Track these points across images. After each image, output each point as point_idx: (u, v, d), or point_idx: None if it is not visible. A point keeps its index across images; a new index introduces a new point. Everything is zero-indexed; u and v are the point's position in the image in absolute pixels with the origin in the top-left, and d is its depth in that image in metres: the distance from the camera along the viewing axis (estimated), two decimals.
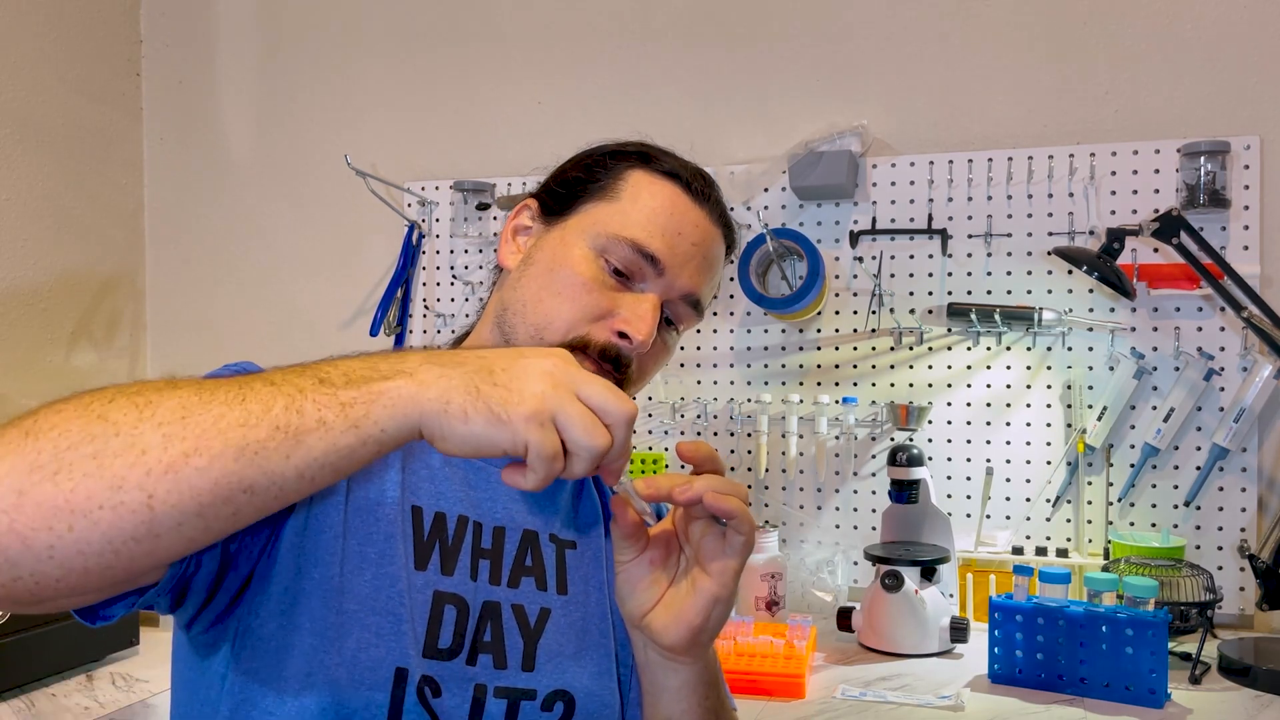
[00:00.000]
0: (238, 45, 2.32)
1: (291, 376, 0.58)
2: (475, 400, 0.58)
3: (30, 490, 0.52)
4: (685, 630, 0.74)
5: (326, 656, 0.72)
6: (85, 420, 0.53)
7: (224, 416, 0.54)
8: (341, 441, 0.56)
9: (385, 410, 0.57)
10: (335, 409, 0.56)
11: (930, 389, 1.85)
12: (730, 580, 0.73)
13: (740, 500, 0.70)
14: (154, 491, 0.53)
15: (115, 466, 0.52)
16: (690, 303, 0.87)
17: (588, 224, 0.85)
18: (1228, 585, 1.67)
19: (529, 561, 0.84)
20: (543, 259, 0.86)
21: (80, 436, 0.53)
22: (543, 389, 0.59)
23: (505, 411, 0.58)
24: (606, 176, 0.87)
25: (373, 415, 0.57)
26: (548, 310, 0.83)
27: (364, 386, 0.57)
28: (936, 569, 1.59)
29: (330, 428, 0.56)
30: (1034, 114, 1.83)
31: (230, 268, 2.32)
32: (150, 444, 0.53)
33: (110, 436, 0.53)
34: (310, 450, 0.56)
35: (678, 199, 0.86)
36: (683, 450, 0.73)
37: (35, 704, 1.38)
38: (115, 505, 0.52)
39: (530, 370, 0.60)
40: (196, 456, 0.53)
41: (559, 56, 2.10)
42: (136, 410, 0.54)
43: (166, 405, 0.55)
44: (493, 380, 0.59)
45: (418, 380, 0.58)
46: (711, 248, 0.87)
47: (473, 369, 0.60)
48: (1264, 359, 1.64)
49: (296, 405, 0.56)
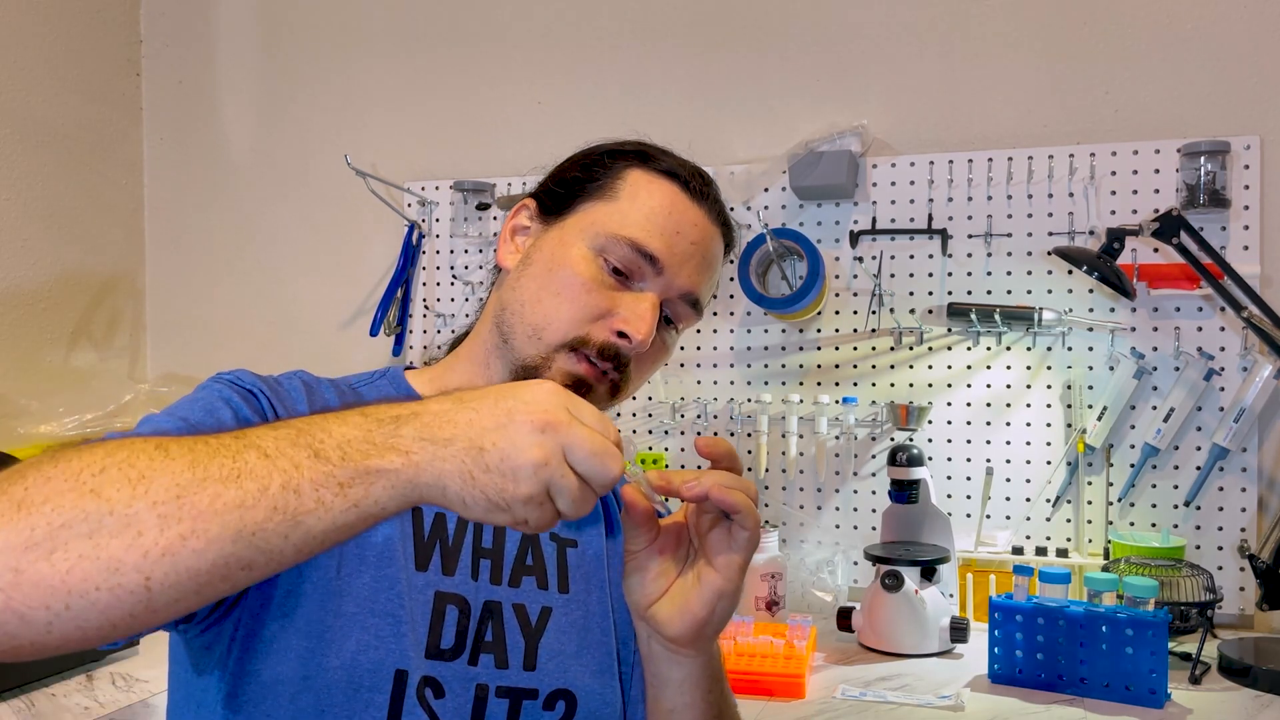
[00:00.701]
0: (238, 45, 2.32)
1: (285, 448, 0.56)
2: (471, 488, 0.57)
3: (27, 569, 0.51)
4: (689, 622, 0.74)
5: (325, 659, 0.72)
6: (78, 495, 0.52)
7: (220, 496, 0.54)
8: (341, 520, 0.56)
9: (384, 491, 0.57)
10: (333, 489, 0.56)
11: (930, 389, 1.85)
12: (735, 575, 0.73)
13: (746, 496, 0.70)
14: (151, 574, 0.52)
15: (112, 548, 0.52)
16: (689, 302, 0.87)
17: (586, 223, 0.85)
18: (1228, 585, 1.67)
19: (530, 560, 0.84)
20: (541, 259, 0.85)
21: (74, 514, 0.52)
22: (534, 462, 0.57)
23: (502, 499, 0.58)
24: (605, 176, 0.87)
25: (372, 495, 0.57)
26: (546, 310, 0.83)
27: (361, 464, 0.56)
28: (936, 569, 1.59)
29: (329, 508, 0.56)
30: (1034, 114, 1.83)
31: (230, 268, 2.32)
32: (146, 525, 0.52)
33: (104, 515, 0.52)
34: (310, 530, 0.55)
35: (676, 198, 0.86)
36: (701, 446, 0.73)
37: (35, 704, 1.38)
38: (113, 587, 0.52)
39: (518, 437, 0.58)
40: (194, 539, 0.53)
41: (559, 56, 2.10)
42: (130, 486, 0.53)
43: (160, 483, 0.53)
44: (485, 464, 0.57)
45: (413, 462, 0.57)
46: (710, 246, 0.87)
47: (464, 446, 0.58)
48: (1264, 359, 1.64)
49: (293, 484, 0.55)
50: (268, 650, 0.72)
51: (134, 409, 2.07)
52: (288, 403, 0.79)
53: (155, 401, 2.11)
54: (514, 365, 0.84)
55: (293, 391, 0.80)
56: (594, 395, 0.83)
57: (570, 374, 0.82)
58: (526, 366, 0.83)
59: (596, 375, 0.83)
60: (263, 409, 0.77)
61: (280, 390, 0.80)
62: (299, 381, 0.82)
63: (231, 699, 0.73)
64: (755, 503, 0.71)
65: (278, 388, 0.80)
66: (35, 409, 1.97)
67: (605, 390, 0.84)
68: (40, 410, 1.97)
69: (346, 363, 2.18)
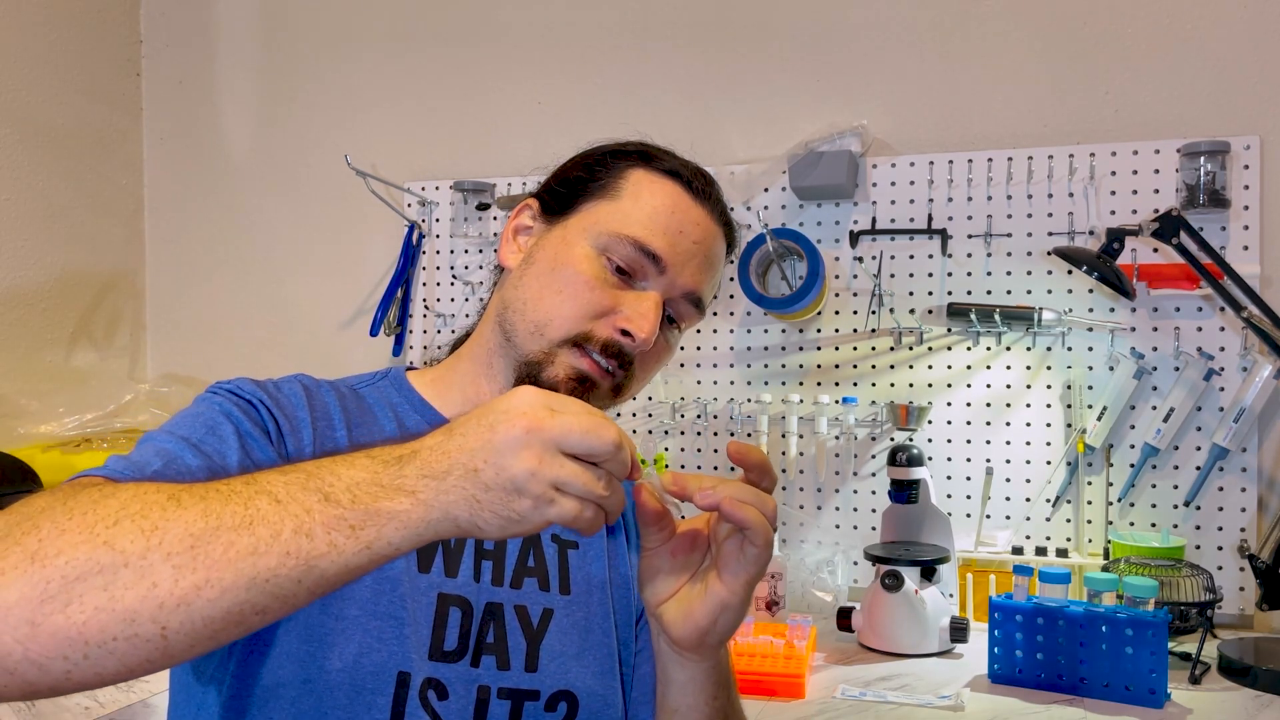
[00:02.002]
0: (238, 45, 2.32)
1: (295, 492, 0.57)
2: (479, 511, 0.58)
3: (43, 622, 0.52)
4: (692, 629, 0.74)
5: (326, 662, 0.72)
6: (91, 547, 0.53)
7: (233, 545, 0.54)
8: (354, 562, 0.57)
9: (397, 532, 0.57)
10: (345, 532, 0.56)
11: (930, 389, 1.85)
12: (741, 590, 0.72)
13: (760, 513, 0.69)
14: (167, 624, 0.53)
15: (127, 600, 0.53)
16: (692, 301, 0.87)
17: (589, 223, 0.85)
18: (1228, 585, 1.67)
19: (531, 562, 0.84)
20: (544, 257, 0.85)
21: (88, 567, 0.53)
22: (528, 468, 0.57)
23: (511, 512, 0.58)
24: (607, 175, 0.87)
25: (384, 536, 0.57)
26: (549, 308, 0.83)
27: (371, 506, 0.57)
28: (936, 569, 1.59)
29: (342, 550, 0.56)
30: (1034, 114, 1.83)
31: (230, 268, 2.32)
32: (161, 577, 0.53)
33: (119, 567, 0.53)
34: (323, 573, 0.56)
35: (679, 197, 0.86)
36: (732, 452, 0.72)
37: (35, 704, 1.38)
38: (130, 637, 0.53)
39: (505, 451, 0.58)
40: (208, 588, 0.53)
41: (559, 56, 2.10)
42: (144, 537, 0.54)
43: (174, 533, 0.54)
44: (484, 484, 0.57)
45: (420, 500, 0.57)
46: (713, 246, 0.88)
47: (460, 474, 0.58)
48: (1264, 359, 1.64)
49: (305, 529, 0.55)
50: (269, 654, 0.72)
51: (134, 409, 2.07)
52: (288, 409, 0.79)
53: (155, 401, 2.11)
54: (517, 362, 0.84)
55: (293, 397, 0.80)
56: (597, 393, 0.83)
57: (574, 369, 0.82)
58: (530, 362, 0.83)
59: (600, 372, 0.83)
60: (263, 420, 0.77)
61: (280, 397, 0.80)
62: (299, 386, 0.82)
63: (233, 702, 0.73)
64: (773, 521, 0.70)
65: (277, 395, 0.80)
66: (35, 409, 1.97)
67: (608, 388, 0.84)
68: (40, 410, 1.97)
69: (346, 363, 2.18)
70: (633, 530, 0.92)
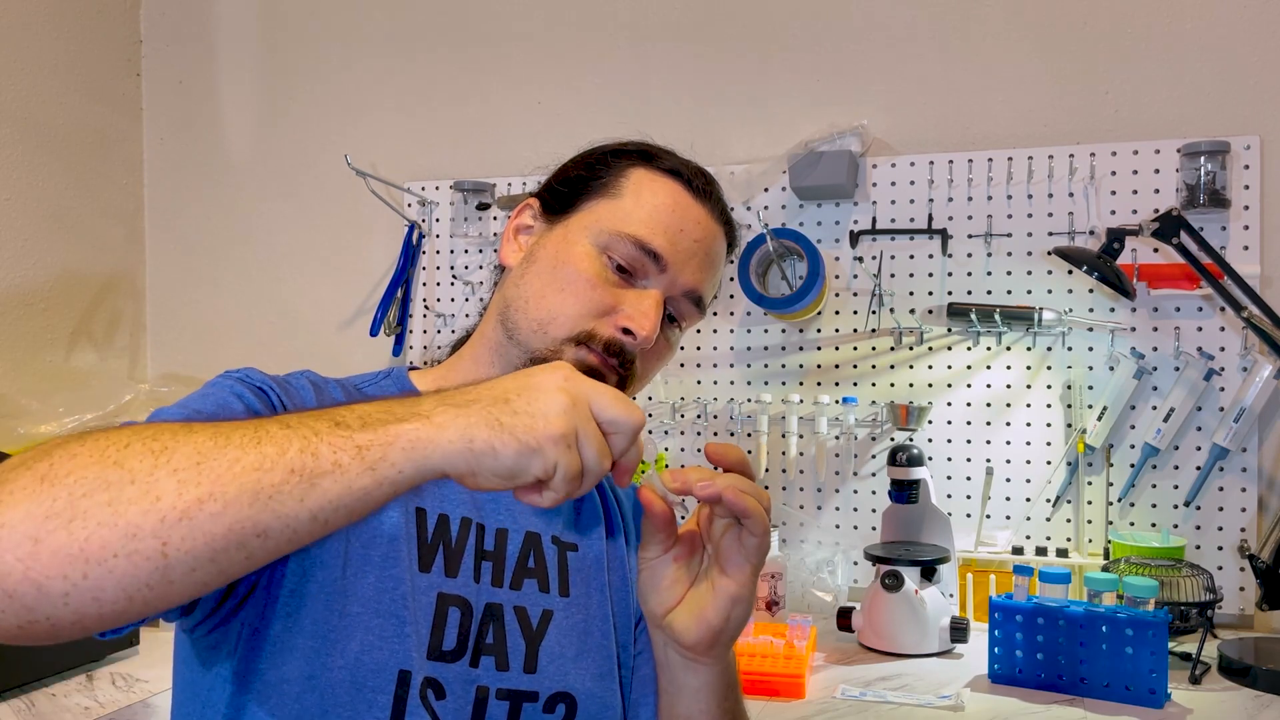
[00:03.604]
0: (238, 45, 2.32)
1: (307, 419, 0.58)
2: (500, 433, 0.58)
3: (45, 538, 0.51)
4: (706, 630, 0.75)
5: (329, 659, 0.72)
6: (101, 467, 0.53)
7: (239, 460, 0.54)
8: (357, 484, 0.56)
9: (402, 453, 0.57)
10: (351, 451, 0.56)
11: (930, 389, 1.85)
12: (747, 580, 0.73)
13: (758, 501, 0.70)
14: (168, 538, 0.53)
15: (130, 514, 0.52)
16: (693, 300, 0.87)
17: (590, 221, 0.85)
18: (1228, 585, 1.67)
19: (531, 563, 0.84)
20: (546, 256, 0.86)
21: (96, 484, 0.53)
22: (562, 406, 0.59)
23: (533, 438, 0.58)
24: (608, 174, 0.87)
25: (390, 458, 0.57)
26: (551, 306, 0.83)
27: (380, 429, 0.57)
28: (936, 569, 1.59)
29: (346, 470, 0.56)
30: (1034, 114, 1.83)
31: (230, 268, 2.32)
32: (165, 490, 0.53)
33: (126, 484, 0.53)
34: (325, 493, 0.55)
35: (680, 196, 0.86)
36: (711, 452, 0.73)
37: (35, 704, 1.38)
38: (130, 553, 0.52)
39: (544, 388, 0.60)
40: (211, 502, 0.53)
41: (559, 56, 2.10)
42: (153, 456, 0.54)
43: (182, 451, 0.54)
44: (512, 409, 0.59)
45: (434, 423, 0.58)
46: (713, 245, 0.88)
47: (487, 402, 0.59)
48: (1264, 359, 1.64)
49: (312, 448, 0.56)
50: (273, 650, 0.72)
51: (134, 409, 2.07)
52: (296, 400, 0.79)
53: (155, 401, 2.11)
54: (521, 360, 0.84)
55: (301, 390, 0.81)
56: None
57: (582, 363, 0.82)
58: (534, 359, 0.83)
59: (606, 367, 0.83)
60: (273, 404, 0.77)
61: (289, 388, 0.80)
62: (306, 381, 0.82)
63: (236, 698, 0.73)
64: (768, 510, 0.72)
65: (287, 385, 0.80)
66: (35, 409, 1.97)
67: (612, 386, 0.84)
68: (40, 410, 1.97)
69: (346, 363, 2.18)
70: (632, 533, 0.93)
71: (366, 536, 0.76)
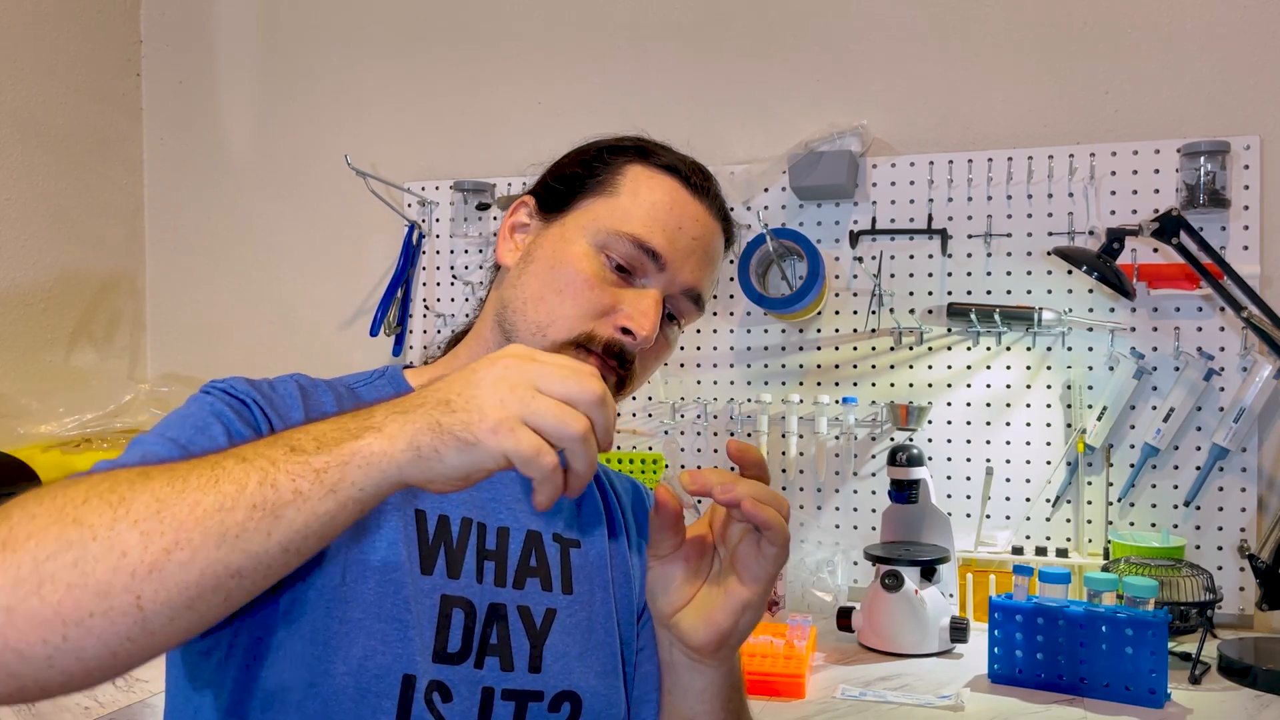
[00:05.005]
0: (238, 45, 2.32)
1: (263, 449, 0.56)
2: (440, 435, 0.57)
3: (18, 606, 0.51)
4: (714, 633, 0.74)
5: (331, 665, 0.72)
6: (61, 526, 0.52)
7: (199, 504, 0.53)
8: (321, 509, 0.55)
9: (360, 470, 0.56)
10: (310, 477, 0.55)
11: (930, 389, 1.85)
12: (762, 588, 0.72)
13: (778, 512, 0.69)
14: (141, 592, 0.52)
15: (98, 573, 0.52)
16: (692, 297, 0.86)
17: (588, 220, 0.85)
18: (1228, 585, 1.67)
19: (534, 562, 0.84)
20: (543, 256, 0.85)
21: (58, 544, 0.52)
22: (499, 397, 0.58)
23: (469, 433, 0.57)
24: (605, 172, 0.87)
25: (349, 477, 0.56)
26: (550, 307, 0.82)
27: (335, 449, 0.56)
28: (936, 569, 1.59)
29: (307, 497, 0.55)
30: (1034, 114, 1.83)
31: (230, 268, 2.32)
32: (130, 545, 0.52)
33: (88, 541, 0.52)
34: (291, 524, 0.55)
35: (677, 193, 0.85)
36: (733, 450, 0.72)
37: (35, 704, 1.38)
38: (105, 611, 0.52)
39: (482, 383, 0.59)
40: (178, 550, 0.52)
41: (559, 56, 2.10)
42: (111, 510, 0.53)
43: (140, 500, 0.53)
44: (451, 409, 0.58)
45: (386, 434, 0.57)
46: (712, 242, 0.87)
47: (430, 406, 0.58)
48: (1264, 359, 1.64)
49: (270, 479, 0.55)
50: (273, 658, 0.72)
51: (134, 409, 2.07)
52: (282, 409, 0.78)
53: (155, 401, 2.11)
54: None
55: (288, 397, 0.79)
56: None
57: None
58: None
59: (605, 368, 0.82)
60: (255, 420, 0.76)
61: (275, 397, 0.79)
62: (294, 385, 0.81)
63: (233, 709, 0.72)
64: (787, 518, 0.71)
65: (272, 394, 0.79)
66: (35, 409, 1.97)
67: (611, 385, 0.83)
68: (40, 410, 1.97)
69: (346, 363, 2.17)
70: (633, 530, 0.92)
71: (366, 540, 0.75)
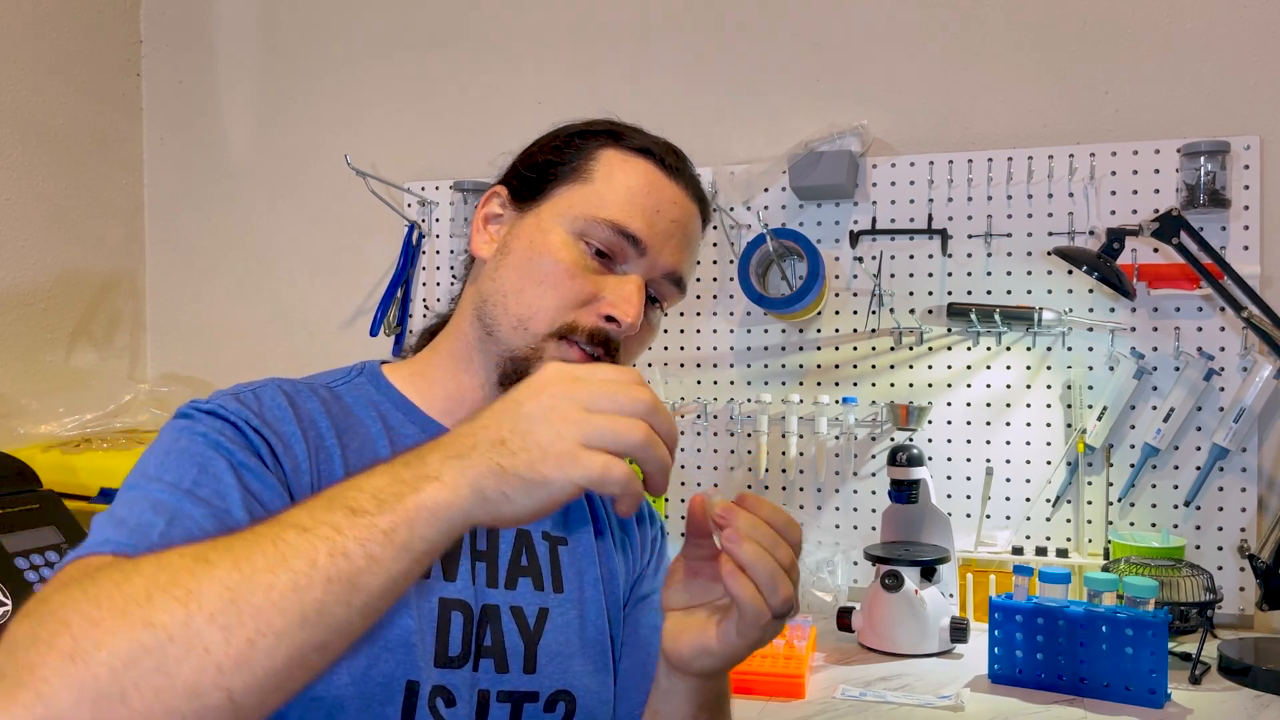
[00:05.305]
0: (238, 45, 2.32)
1: (320, 514, 0.55)
2: (504, 479, 0.56)
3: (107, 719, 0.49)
4: (672, 653, 0.72)
5: (335, 675, 0.71)
6: (131, 630, 0.50)
7: (273, 587, 0.52)
8: (395, 569, 0.55)
9: (427, 525, 0.55)
10: (379, 540, 0.54)
11: (930, 389, 1.85)
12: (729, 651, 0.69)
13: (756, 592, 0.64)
14: (230, 686, 0.51)
15: (184, 674, 0.50)
16: (673, 280, 0.85)
17: (564, 207, 0.83)
18: (1228, 585, 1.67)
19: (525, 561, 0.83)
20: (520, 247, 0.84)
21: (133, 651, 0.50)
22: (554, 430, 0.57)
23: (535, 474, 0.56)
24: (578, 158, 0.85)
25: (418, 533, 0.55)
26: (531, 299, 0.81)
27: (398, 506, 0.55)
28: (936, 569, 1.59)
29: (381, 560, 0.54)
30: (1034, 114, 1.83)
31: (230, 268, 2.32)
32: (211, 641, 0.51)
33: (165, 644, 0.50)
34: (368, 589, 0.54)
35: (653, 176, 0.84)
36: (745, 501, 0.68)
37: None
38: (198, 710, 0.50)
39: (532, 418, 0.57)
40: (261, 639, 0.51)
41: (559, 56, 2.10)
42: (182, 606, 0.51)
43: (210, 592, 0.52)
44: (510, 450, 0.56)
45: (447, 484, 0.56)
46: (690, 224, 0.86)
47: (486, 448, 0.57)
48: (1264, 359, 1.64)
49: (340, 548, 0.53)
50: None
51: (134, 409, 2.07)
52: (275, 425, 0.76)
53: (155, 401, 2.11)
54: (500, 357, 0.82)
55: (277, 409, 0.77)
56: None
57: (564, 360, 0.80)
58: (515, 358, 0.81)
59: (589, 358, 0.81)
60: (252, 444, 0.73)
61: (265, 412, 0.76)
62: (280, 395, 0.79)
63: None
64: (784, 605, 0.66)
65: (261, 410, 0.76)
66: (35, 409, 1.97)
67: None
68: (40, 410, 1.97)
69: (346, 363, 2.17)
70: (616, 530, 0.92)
71: None
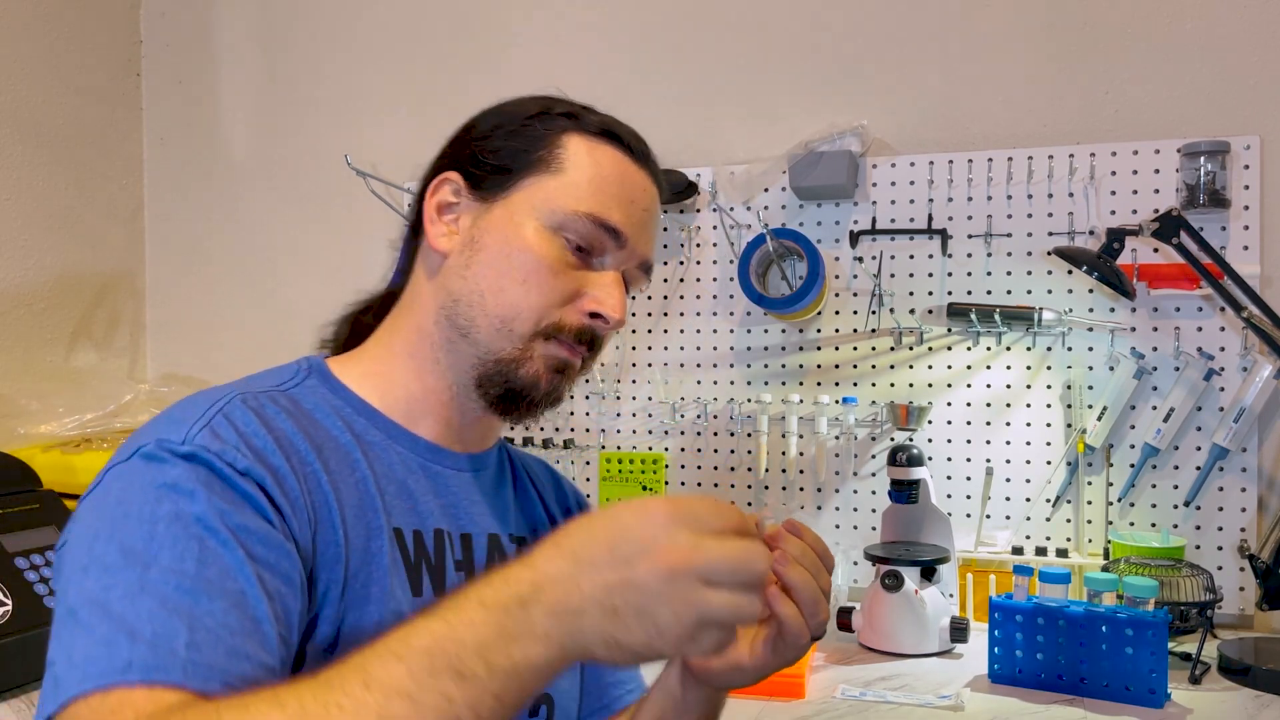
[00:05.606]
0: (238, 45, 2.32)
1: (424, 679, 0.54)
2: (618, 651, 0.55)
3: None
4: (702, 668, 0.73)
5: None
6: None
7: None
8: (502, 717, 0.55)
9: (535, 682, 0.55)
10: (490, 704, 0.54)
11: (930, 389, 1.85)
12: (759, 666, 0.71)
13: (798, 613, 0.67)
14: None
15: None
16: (644, 268, 0.84)
17: (538, 200, 0.79)
18: (1228, 585, 1.67)
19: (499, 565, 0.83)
20: (494, 243, 0.79)
21: None
22: (672, 611, 0.54)
23: (653, 650, 0.55)
24: (542, 145, 0.82)
25: (527, 689, 0.55)
26: (513, 299, 0.78)
27: (507, 668, 0.54)
28: (936, 569, 1.59)
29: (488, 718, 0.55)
30: (1034, 114, 1.83)
31: (230, 268, 2.32)
32: None
33: None
34: None
35: (624, 165, 0.82)
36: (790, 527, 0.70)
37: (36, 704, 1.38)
38: None
39: (647, 592, 0.54)
40: None
41: (559, 56, 2.10)
42: None
43: None
44: (623, 624, 0.54)
45: (556, 645, 0.55)
46: (656, 209, 0.85)
47: (597, 614, 0.55)
48: (1264, 359, 1.64)
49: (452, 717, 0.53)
50: None
51: (134, 409, 2.07)
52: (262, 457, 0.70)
53: (155, 401, 2.11)
54: (481, 360, 0.79)
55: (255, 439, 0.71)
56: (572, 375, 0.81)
57: (555, 359, 0.79)
58: (501, 360, 0.78)
59: (576, 355, 0.80)
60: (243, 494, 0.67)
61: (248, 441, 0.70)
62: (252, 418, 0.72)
63: None
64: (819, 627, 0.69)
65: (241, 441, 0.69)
66: (35, 409, 1.97)
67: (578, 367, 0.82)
68: (40, 410, 1.97)
69: None
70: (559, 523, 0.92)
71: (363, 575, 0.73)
